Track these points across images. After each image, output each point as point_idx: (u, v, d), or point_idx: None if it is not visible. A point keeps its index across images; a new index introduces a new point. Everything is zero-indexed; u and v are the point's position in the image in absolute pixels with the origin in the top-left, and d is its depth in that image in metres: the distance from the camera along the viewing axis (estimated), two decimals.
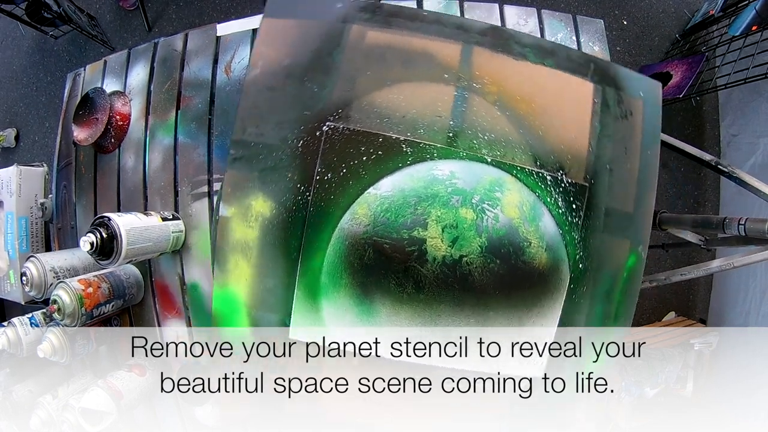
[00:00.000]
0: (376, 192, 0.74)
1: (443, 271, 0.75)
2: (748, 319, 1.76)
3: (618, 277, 0.78)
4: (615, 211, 0.77)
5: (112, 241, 0.68)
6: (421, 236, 0.75)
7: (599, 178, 0.77)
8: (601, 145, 0.77)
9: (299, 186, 0.74)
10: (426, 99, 0.75)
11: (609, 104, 0.78)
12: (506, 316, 0.76)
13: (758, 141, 1.82)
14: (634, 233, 0.78)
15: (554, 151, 0.76)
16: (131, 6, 2.14)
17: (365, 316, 0.75)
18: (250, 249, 0.75)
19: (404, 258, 0.74)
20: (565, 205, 0.76)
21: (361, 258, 0.74)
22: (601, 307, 0.78)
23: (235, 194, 0.75)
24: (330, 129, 0.74)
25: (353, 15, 0.75)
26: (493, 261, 0.75)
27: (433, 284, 0.75)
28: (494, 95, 0.76)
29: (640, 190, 0.78)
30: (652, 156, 0.78)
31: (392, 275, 0.74)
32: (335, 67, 0.74)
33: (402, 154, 0.74)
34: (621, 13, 2.14)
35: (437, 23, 0.76)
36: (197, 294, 0.80)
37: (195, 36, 0.86)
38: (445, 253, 0.75)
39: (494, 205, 0.75)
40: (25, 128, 2.24)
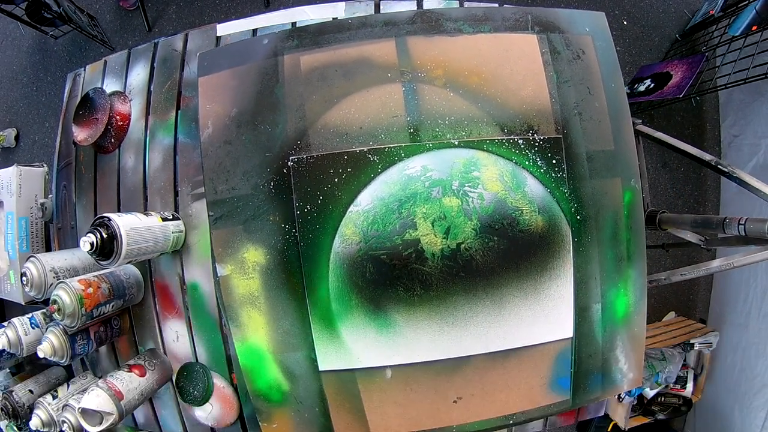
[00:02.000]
0: (357, 209, 0.74)
1: (446, 264, 0.75)
2: (749, 319, 1.75)
3: (619, 217, 0.76)
4: (596, 152, 0.75)
5: (112, 241, 0.67)
6: (413, 237, 0.75)
7: (570, 125, 0.75)
8: (563, 93, 0.75)
9: (284, 225, 0.75)
10: (377, 103, 0.75)
11: (558, 50, 0.76)
12: (520, 289, 0.75)
13: (760, 142, 1.80)
14: (623, 168, 0.76)
15: (518, 113, 0.75)
16: (131, 6, 2.14)
17: (384, 328, 0.75)
18: (257, 299, 0.76)
19: (404, 263, 0.75)
20: (545, 163, 0.75)
21: (363, 275, 0.75)
22: (612, 251, 0.76)
23: (227, 252, 0.76)
24: (295, 162, 0.74)
25: (281, 46, 0.75)
26: (491, 239, 0.75)
27: (439, 279, 0.75)
28: (442, 78, 0.75)
29: (614, 125, 0.76)
30: (617, 87, 0.76)
31: (398, 282, 0.75)
32: (281, 102, 0.75)
33: (371, 164, 0.74)
34: (621, 13, 2.12)
35: (364, 26, 0.75)
36: (197, 294, 0.79)
37: (195, 36, 0.85)
38: (441, 246, 0.75)
39: (475, 185, 0.74)
40: (25, 128, 2.24)
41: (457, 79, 0.74)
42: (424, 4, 0.81)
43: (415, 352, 0.76)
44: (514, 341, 0.76)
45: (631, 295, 0.78)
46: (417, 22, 0.75)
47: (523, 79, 0.75)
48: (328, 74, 0.75)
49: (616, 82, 0.76)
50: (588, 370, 0.78)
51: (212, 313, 0.77)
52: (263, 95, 0.75)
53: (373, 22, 0.75)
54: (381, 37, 0.75)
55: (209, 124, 0.76)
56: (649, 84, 1.89)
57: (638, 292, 0.78)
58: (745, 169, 1.58)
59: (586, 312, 0.77)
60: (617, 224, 0.76)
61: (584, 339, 0.77)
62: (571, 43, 0.76)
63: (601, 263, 0.76)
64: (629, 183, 0.76)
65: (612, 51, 0.77)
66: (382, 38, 0.75)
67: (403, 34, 0.75)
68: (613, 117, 0.76)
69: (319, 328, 0.76)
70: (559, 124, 0.75)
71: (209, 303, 0.77)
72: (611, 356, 0.79)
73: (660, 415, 1.72)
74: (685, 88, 1.67)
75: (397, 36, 0.75)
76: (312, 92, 0.74)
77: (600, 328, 0.78)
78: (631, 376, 0.80)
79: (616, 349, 0.79)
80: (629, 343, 0.79)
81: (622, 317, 0.78)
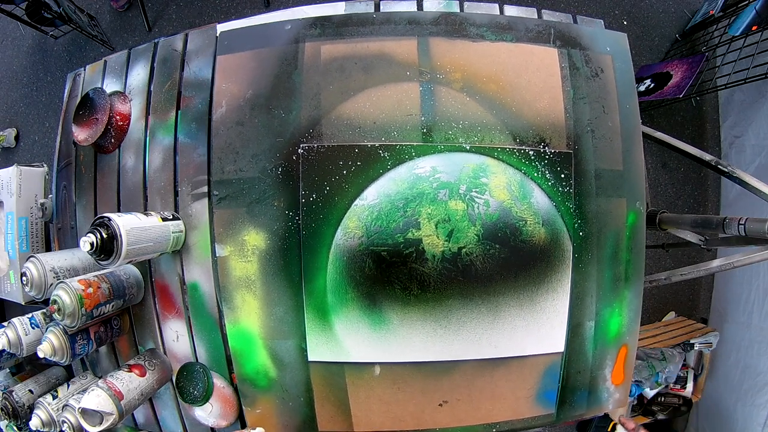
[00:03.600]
0: (363, 203, 0.74)
1: (445, 267, 0.75)
2: (751, 318, 1.76)
3: (621, 237, 0.77)
4: (605, 171, 0.76)
5: (112, 241, 0.67)
6: (416, 237, 0.75)
7: (582, 141, 0.76)
8: (577, 109, 0.76)
9: (287, 212, 0.74)
10: (393, 100, 0.75)
11: (577, 66, 0.76)
12: (517, 299, 0.76)
13: (763, 143, 1.80)
14: (629, 190, 0.77)
15: (531, 124, 0.75)
16: (121, 8, 2.13)
17: (377, 325, 0.75)
18: (253, 283, 0.76)
19: (404, 261, 0.74)
20: (553, 177, 0.75)
21: (362, 270, 0.75)
22: (610, 271, 0.77)
23: (228, 233, 0.76)
24: (305, 150, 0.74)
25: (303, 34, 0.75)
26: (493, 246, 0.75)
27: (437, 281, 0.75)
28: (460, 82, 0.75)
29: (625, 145, 0.76)
30: (632, 108, 0.76)
31: (396, 280, 0.75)
32: (297, 89, 0.74)
33: (380, 160, 0.74)
34: (621, 13, 2.13)
35: (388, 23, 0.75)
36: (197, 294, 0.79)
37: (195, 36, 0.83)
38: (443, 248, 0.75)
39: (482, 192, 0.75)
40: (25, 128, 2.23)
41: (475, 85, 0.75)
42: (425, 5, 0.81)
43: (406, 351, 0.75)
44: (506, 350, 0.76)
45: (625, 316, 0.78)
46: (441, 23, 0.76)
47: (539, 91, 0.75)
48: (347, 66, 0.75)
49: (631, 103, 0.76)
50: (575, 386, 0.79)
51: (212, 313, 0.77)
52: (280, 80, 0.75)
53: (397, 19, 0.76)
54: (404, 35, 0.75)
55: (223, 103, 0.76)
56: (649, 84, 1.89)
57: (632, 314, 0.79)
58: (748, 169, 1.60)
59: (579, 328, 0.77)
60: (618, 244, 0.77)
61: (575, 355, 0.78)
62: (591, 61, 0.76)
63: (598, 281, 0.77)
64: (634, 205, 0.77)
65: (630, 73, 0.77)
66: (405, 36, 0.75)
67: (426, 34, 0.75)
68: (626, 138, 0.76)
69: (313, 319, 0.75)
70: (571, 140, 0.75)
71: (209, 303, 0.77)
72: (599, 374, 0.79)
73: (660, 415, 1.72)
74: (685, 88, 1.67)
75: (419, 35, 0.75)
76: (329, 82, 0.74)
77: (591, 346, 0.78)
78: (617, 396, 0.80)
79: (605, 368, 0.79)
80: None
81: (614, 337, 0.78)
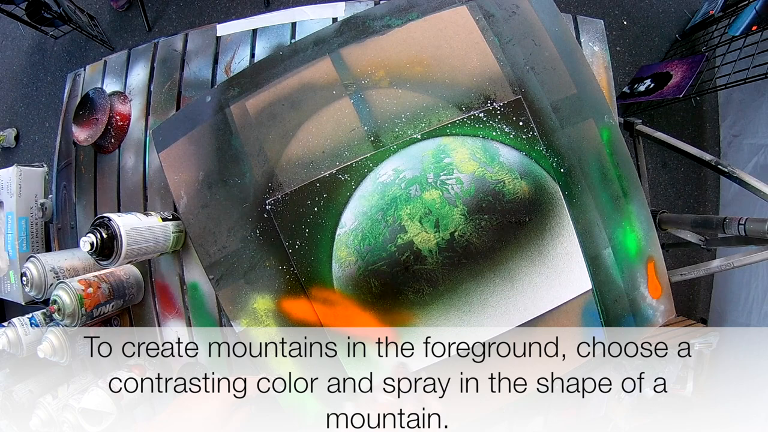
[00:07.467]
0: (344, 230, 0.75)
1: (445, 256, 0.75)
2: (750, 319, 1.71)
3: (603, 157, 0.74)
4: (560, 101, 0.73)
5: (112, 241, 0.66)
6: (406, 240, 0.75)
7: (526, 82, 0.73)
8: (509, 53, 0.73)
9: (281, 267, 0.76)
10: (332, 123, 0.74)
11: (492, 12, 0.73)
12: (526, 257, 0.75)
13: (761, 142, 1.75)
14: (592, 108, 0.74)
15: (470, 88, 0.73)
16: (121, 8, 2.14)
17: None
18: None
19: (405, 267, 0.75)
20: (512, 128, 0.73)
21: (370, 292, 0.75)
22: (606, 194, 0.74)
23: (237, 308, 0.78)
24: (272, 205, 0.75)
25: (225, 99, 0.76)
26: (482, 218, 0.74)
27: (444, 273, 0.75)
28: (386, 78, 0.74)
29: (571, 68, 0.73)
30: (562, 30, 0.73)
31: (405, 288, 0.75)
32: (241, 152, 0.75)
33: (344, 183, 0.74)
34: (621, 13, 2.09)
35: (296, 53, 0.75)
36: (197, 294, 0.79)
37: (195, 36, 0.86)
38: (436, 240, 0.74)
39: (450, 172, 0.74)
40: (25, 128, 2.23)
41: (401, 75, 0.73)
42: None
43: (440, 353, 0.76)
44: (535, 309, 0.75)
45: (638, 230, 0.76)
46: (345, 32, 0.75)
47: (465, 52, 0.73)
48: (276, 111, 0.75)
49: (559, 25, 0.73)
50: (618, 315, 0.77)
51: (212, 313, 0.77)
52: (223, 150, 0.76)
53: (303, 46, 0.75)
54: (315, 58, 0.74)
55: (182, 194, 0.77)
56: (649, 84, 1.88)
57: (645, 224, 0.76)
58: (745, 169, 1.58)
59: (598, 259, 0.75)
60: (603, 165, 0.74)
61: (604, 286, 0.76)
62: (503, 2, 0.73)
63: (598, 208, 0.75)
64: (603, 120, 0.74)
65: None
66: (317, 59, 0.74)
67: (335, 48, 0.74)
68: (567, 60, 0.73)
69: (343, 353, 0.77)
70: (515, 85, 0.73)
71: (209, 303, 0.76)
72: (637, 295, 0.77)
73: None
74: (685, 88, 1.66)
75: (330, 52, 0.74)
76: (267, 133, 0.75)
77: (617, 271, 0.76)
78: (663, 308, 0.78)
79: (640, 287, 0.77)
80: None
81: (636, 254, 0.76)
